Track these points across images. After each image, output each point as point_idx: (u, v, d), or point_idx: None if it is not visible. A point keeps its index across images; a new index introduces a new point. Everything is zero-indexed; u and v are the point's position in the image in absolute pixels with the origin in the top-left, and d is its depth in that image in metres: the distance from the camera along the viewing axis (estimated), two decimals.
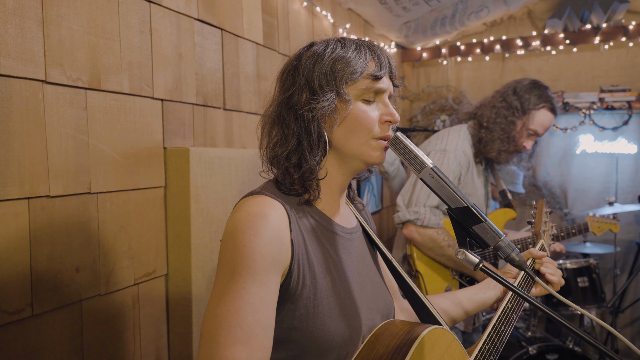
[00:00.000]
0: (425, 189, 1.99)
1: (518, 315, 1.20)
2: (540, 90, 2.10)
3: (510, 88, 2.14)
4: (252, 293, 0.84)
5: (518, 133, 2.08)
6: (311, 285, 0.91)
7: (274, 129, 1.00)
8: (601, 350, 0.79)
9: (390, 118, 0.99)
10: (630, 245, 3.61)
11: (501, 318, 1.14)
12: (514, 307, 1.19)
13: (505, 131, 2.07)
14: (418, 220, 1.98)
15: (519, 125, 2.08)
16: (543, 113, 2.08)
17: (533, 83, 2.12)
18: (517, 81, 2.16)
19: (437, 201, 1.98)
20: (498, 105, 2.12)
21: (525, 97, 2.07)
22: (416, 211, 2.00)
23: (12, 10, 1.14)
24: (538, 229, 1.50)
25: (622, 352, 3.28)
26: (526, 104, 2.07)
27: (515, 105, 2.08)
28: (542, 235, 1.48)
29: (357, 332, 0.95)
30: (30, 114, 1.19)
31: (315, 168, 0.96)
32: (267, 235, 0.86)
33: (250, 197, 0.93)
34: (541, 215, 1.55)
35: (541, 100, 2.07)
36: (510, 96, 2.10)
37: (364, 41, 1.01)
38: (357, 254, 1.07)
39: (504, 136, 2.07)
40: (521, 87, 2.11)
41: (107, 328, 1.41)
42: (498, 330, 1.12)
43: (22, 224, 1.18)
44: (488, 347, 1.08)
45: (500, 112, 2.10)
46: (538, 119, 2.08)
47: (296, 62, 0.99)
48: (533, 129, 2.08)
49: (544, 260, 1.27)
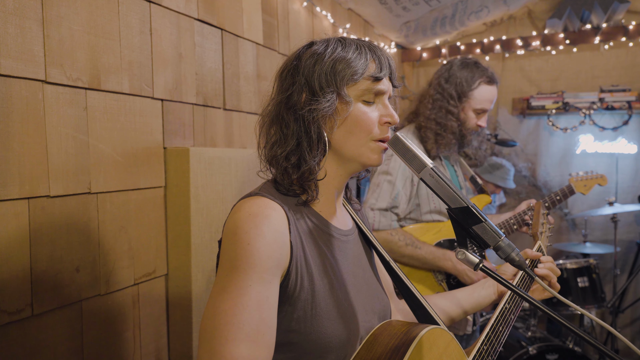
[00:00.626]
0: (373, 193, 1.96)
1: (516, 316, 1.20)
2: (470, 68, 1.99)
3: (441, 76, 2.04)
4: (257, 291, 0.83)
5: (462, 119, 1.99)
6: (309, 287, 0.91)
7: (272, 128, 1.00)
8: (601, 350, 0.79)
9: (390, 119, 0.99)
10: (630, 245, 3.61)
11: (499, 318, 1.14)
12: (512, 307, 1.19)
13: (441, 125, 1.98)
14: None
15: (460, 112, 1.99)
16: (482, 89, 1.98)
17: (462, 63, 2.02)
18: (446, 66, 2.05)
19: (386, 203, 1.92)
20: (433, 97, 2.02)
21: (457, 82, 1.97)
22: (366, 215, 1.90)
23: (12, 10, 1.14)
24: (535, 230, 1.50)
25: (622, 352, 3.28)
26: (460, 87, 1.97)
27: (449, 94, 1.98)
28: (540, 236, 1.48)
29: (354, 333, 0.95)
30: (30, 114, 1.19)
31: (314, 169, 0.96)
32: (269, 235, 0.86)
33: (250, 198, 0.93)
34: (538, 217, 1.55)
35: (475, 77, 1.97)
36: (443, 85, 2.01)
37: (365, 41, 1.01)
38: (353, 255, 1.07)
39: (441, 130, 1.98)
40: (451, 72, 2.01)
41: (107, 328, 1.41)
42: (496, 330, 1.12)
43: (22, 224, 1.18)
44: (486, 347, 1.08)
45: (435, 105, 2.01)
46: (480, 97, 1.98)
47: (296, 61, 0.99)
48: (479, 107, 1.99)
49: (543, 260, 1.26)
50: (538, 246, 1.43)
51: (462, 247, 0.89)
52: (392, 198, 1.94)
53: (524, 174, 3.92)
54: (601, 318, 3.63)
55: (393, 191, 1.95)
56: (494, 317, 1.13)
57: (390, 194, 1.94)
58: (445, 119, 1.98)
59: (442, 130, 1.98)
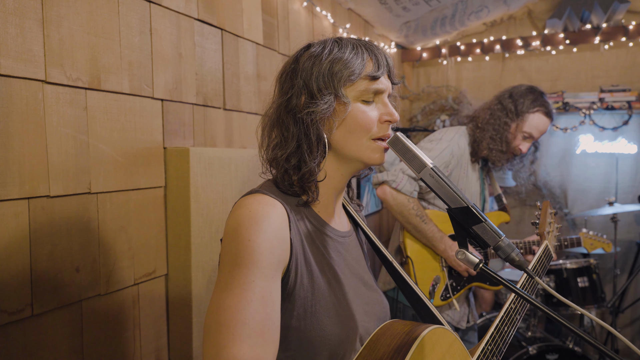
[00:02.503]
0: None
1: (522, 317, 1.19)
2: (535, 95, 2.18)
3: (507, 92, 2.24)
4: (261, 287, 0.83)
5: (511, 134, 2.17)
6: (309, 284, 0.92)
7: (273, 131, 1.00)
8: (601, 350, 0.79)
9: (390, 118, 0.99)
10: (630, 245, 3.61)
11: (504, 319, 1.14)
12: (518, 308, 1.19)
13: (497, 131, 2.16)
14: (394, 182, 2.05)
15: (512, 127, 2.17)
16: (537, 116, 2.16)
17: (529, 88, 2.21)
18: (515, 86, 2.25)
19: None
20: (494, 107, 2.22)
21: (520, 101, 2.16)
22: (394, 174, 2.07)
23: (12, 10, 1.14)
24: (542, 230, 1.50)
25: (622, 352, 3.28)
26: (520, 107, 2.16)
27: (509, 108, 2.17)
28: (547, 236, 1.48)
29: (353, 332, 0.95)
30: (30, 114, 1.19)
31: (314, 170, 0.96)
32: (270, 232, 0.86)
33: (251, 195, 0.93)
34: (545, 217, 1.55)
35: (536, 104, 2.16)
36: (506, 99, 2.20)
37: (361, 41, 1.01)
38: (352, 257, 1.07)
39: (495, 135, 2.16)
40: (517, 91, 2.20)
41: (107, 328, 1.41)
42: (501, 331, 1.12)
43: (22, 224, 1.18)
44: (491, 347, 1.08)
45: (494, 114, 2.19)
46: (532, 122, 2.16)
47: (294, 64, 0.99)
48: (527, 131, 2.16)
49: None
50: (545, 246, 1.43)
51: (462, 247, 0.89)
52: None
53: (522, 176, 3.91)
54: (601, 318, 3.63)
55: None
56: (498, 317, 1.14)
57: None
58: (501, 127, 2.17)
59: (497, 136, 2.16)
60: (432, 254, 2.15)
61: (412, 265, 2.09)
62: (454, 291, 2.15)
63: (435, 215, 2.16)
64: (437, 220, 2.12)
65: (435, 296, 2.11)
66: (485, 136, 2.17)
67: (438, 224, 2.11)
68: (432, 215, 2.14)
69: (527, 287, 1.27)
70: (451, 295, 2.14)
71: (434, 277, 2.12)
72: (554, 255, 1.50)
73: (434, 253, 2.14)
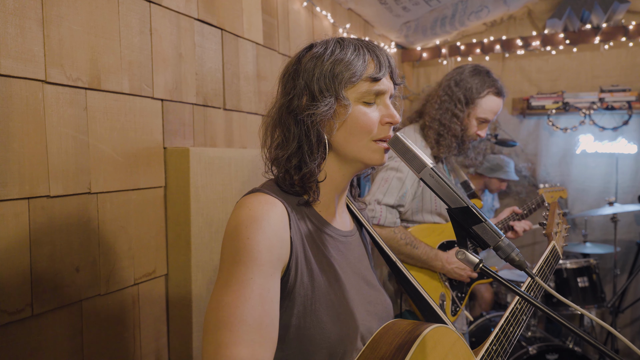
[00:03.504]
0: (381, 188, 1.95)
1: (528, 317, 1.19)
2: (482, 76, 2.02)
3: (451, 79, 2.05)
4: (259, 284, 0.84)
5: (465, 125, 2.02)
6: (309, 283, 0.92)
7: (275, 130, 1.01)
8: (601, 350, 0.78)
9: (391, 119, 0.98)
10: (630, 245, 3.61)
11: (510, 319, 1.14)
12: (524, 308, 1.18)
13: (445, 126, 2.01)
14: (374, 218, 1.92)
15: (464, 117, 2.01)
16: (489, 99, 2.01)
17: (473, 69, 2.04)
18: (458, 70, 2.07)
19: (393, 200, 1.92)
20: (441, 99, 2.04)
21: (467, 87, 2.00)
22: (372, 209, 1.93)
23: (12, 10, 1.14)
24: (550, 230, 1.49)
25: (622, 352, 3.28)
26: (469, 93, 1.99)
27: (457, 98, 2.01)
28: (554, 236, 1.47)
29: (353, 330, 0.95)
30: (30, 114, 1.19)
31: (314, 171, 0.96)
32: (270, 230, 0.87)
33: (252, 194, 0.94)
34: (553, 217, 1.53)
35: (484, 86, 2.00)
36: (452, 88, 2.02)
37: (363, 41, 1.01)
38: (354, 256, 1.07)
39: (444, 132, 2.01)
40: (462, 76, 2.03)
41: (107, 328, 1.41)
42: (506, 331, 1.12)
43: (22, 224, 1.18)
44: (495, 347, 1.08)
45: (442, 106, 2.03)
46: (485, 106, 2.01)
47: (296, 65, 0.99)
48: (482, 117, 2.02)
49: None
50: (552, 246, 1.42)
51: (462, 247, 0.89)
52: (400, 196, 1.94)
53: (524, 174, 3.92)
54: (601, 318, 3.63)
55: (402, 189, 1.95)
56: (504, 317, 1.14)
57: (399, 191, 1.94)
58: (449, 121, 2.01)
59: (445, 132, 2.01)
60: (429, 274, 2.05)
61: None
62: (460, 300, 2.10)
63: (419, 230, 2.05)
64: (421, 236, 2.02)
65: (446, 314, 2.04)
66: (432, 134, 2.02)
67: (424, 239, 2.01)
68: (417, 232, 2.04)
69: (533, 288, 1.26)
70: (459, 306, 2.09)
71: (439, 296, 2.05)
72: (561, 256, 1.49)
73: (431, 272, 2.05)
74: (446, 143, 2.01)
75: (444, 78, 2.11)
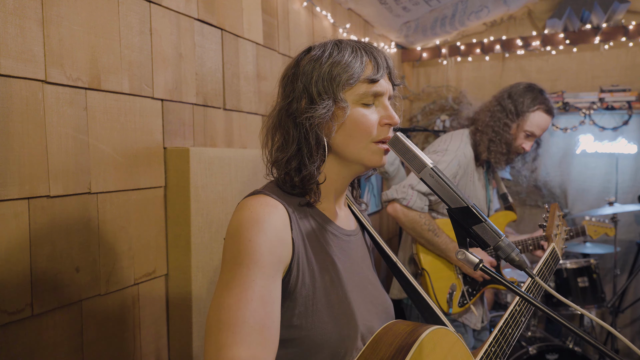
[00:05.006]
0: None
1: (527, 319, 1.19)
2: (534, 93, 2.16)
3: (505, 92, 2.22)
4: (261, 286, 0.84)
5: (513, 135, 2.16)
6: (310, 283, 0.92)
7: (276, 133, 1.01)
8: (601, 350, 0.78)
9: (389, 121, 0.98)
10: (630, 245, 3.61)
11: (508, 320, 1.14)
12: (523, 310, 1.18)
13: (497, 133, 2.15)
14: (404, 199, 2.05)
15: (513, 128, 2.16)
16: (538, 115, 2.15)
17: (528, 86, 2.19)
18: (513, 85, 2.23)
19: (426, 188, 2.03)
20: (493, 109, 2.20)
21: (519, 100, 2.15)
22: (404, 191, 2.06)
23: (12, 10, 1.14)
24: (549, 232, 1.48)
25: (622, 352, 3.28)
26: (520, 106, 2.14)
27: (509, 109, 2.16)
28: (554, 238, 1.47)
29: (354, 330, 0.95)
30: (30, 114, 1.19)
31: (314, 173, 0.97)
32: (271, 232, 0.87)
33: (253, 196, 0.94)
34: (553, 219, 1.53)
35: (536, 102, 2.14)
36: (505, 100, 2.19)
37: (361, 43, 1.01)
38: (357, 256, 1.07)
39: (495, 138, 2.15)
40: (516, 90, 2.19)
41: (107, 328, 1.41)
42: (505, 332, 1.12)
43: (22, 224, 1.18)
44: (494, 349, 1.08)
45: (494, 115, 2.18)
46: (533, 121, 2.15)
47: (295, 68, 1.00)
48: (529, 130, 2.15)
49: None
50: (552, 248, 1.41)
51: (462, 247, 0.89)
52: None
53: (524, 174, 3.91)
54: (601, 318, 3.63)
55: None
56: (503, 319, 1.14)
57: None
58: (501, 129, 2.16)
59: (497, 138, 2.16)
60: (446, 264, 2.16)
61: (429, 277, 2.11)
62: (470, 296, 2.17)
63: (445, 223, 2.16)
64: (447, 229, 2.12)
65: (453, 304, 2.12)
66: (485, 139, 2.16)
67: (449, 232, 2.11)
68: (442, 224, 2.14)
69: (533, 289, 1.26)
70: (468, 301, 2.16)
71: (450, 286, 2.14)
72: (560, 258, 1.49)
73: (448, 262, 2.15)
74: (497, 149, 2.16)
75: (500, 90, 2.28)
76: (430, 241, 2.08)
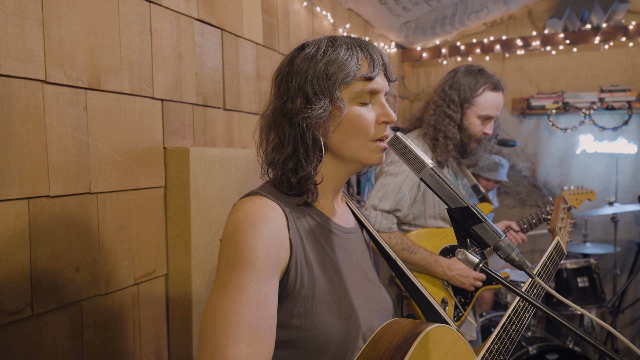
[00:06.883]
0: (378, 193, 1.94)
1: (531, 315, 1.18)
2: (474, 75, 1.99)
3: (445, 83, 2.05)
4: (256, 289, 0.84)
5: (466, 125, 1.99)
6: (309, 283, 0.92)
7: (270, 134, 1.00)
8: (601, 350, 0.78)
9: (387, 119, 0.98)
10: (630, 245, 3.61)
11: (512, 317, 1.13)
12: (526, 306, 1.18)
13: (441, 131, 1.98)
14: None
15: (463, 118, 1.99)
16: (487, 95, 1.98)
17: (466, 70, 2.02)
18: (451, 73, 2.05)
19: (389, 206, 1.91)
20: (439, 103, 2.02)
21: (461, 88, 1.98)
22: (368, 214, 1.90)
23: (12, 10, 1.14)
24: (554, 225, 1.46)
25: (622, 352, 3.28)
26: (463, 94, 1.98)
27: (452, 99, 1.98)
28: (558, 232, 1.44)
29: (355, 329, 0.95)
30: (30, 114, 1.19)
31: (311, 174, 0.96)
32: (267, 234, 0.87)
33: (249, 197, 0.94)
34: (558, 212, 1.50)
35: (479, 84, 1.97)
36: (447, 91, 2.01)
37: (355, 39, 0.99)
38: (356, 253, 1.07)
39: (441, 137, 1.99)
40: (456, 78, 2.01)
41: (107, 328, 1.41)
42: (508, 329, 1.11)
43: (22, 224, 1.18)
44: (497, 346, 1.08)
45: (437, 110, 2.01)
46: (484, 103, 1.98)
47: (289, 67, 0.98)
48: (484, 114, 1.98)
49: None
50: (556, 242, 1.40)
51: (462, 248, 0.89)
52: (396, 201, 1.93)
53: (524, 174, 3.92)
54: (601, 318, 3.63)
55: (398, 194, 1.94)
56: (505, 315, 1.13)
57: (396, 196, 1.93)
58: (443, 124, 1.98)
59: (440, 136, 1.99)
60: (429, 279, 2.00)
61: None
62: (465, 306, 2.04)
63: (419, 235, 2.02)
64: (422, 240, 1.99)
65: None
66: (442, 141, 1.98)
67: (425, 243, 1.97)
68: (416, 238, 2.00)
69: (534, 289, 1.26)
70: (463, 312, 2.02)
71: (441, 298, 2.00)
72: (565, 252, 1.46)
73: (432, 277, 2.00)
74: (442, 147, 1.98)
75: (439, 83, 2.10)
76: (407, 260, 1.91)
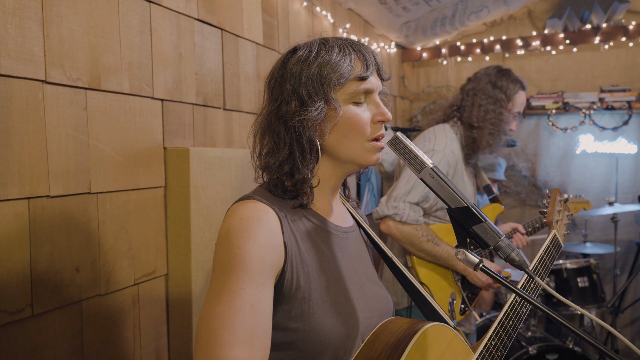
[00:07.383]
0: (407, 185, 1.98)
1: (528, 310, 1.18)
2: (509, 74, 2.19)
3: (486, 82, 2.21)
4: (250, 294, 0.84)
5: (506, 121, 2.17)
6: (305, 285, 0.91)
7: (265, 137, 1.00)
8: (601, 350, 0.78)
9: (382, 118, 0.98)
10: (630, 245, 3.61)
11: (508, 312, 1.13)
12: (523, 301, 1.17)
13: (494, 125, 2.15)
14: (397, 215, 1.95)
15: (505, 114, 2.17)
16: (520, 94, 2.18)
17: (499, 70, 2.21)
18: (487, 74, 2.23)
19: (417, 198, 1.97)
20: (484, 102, 2.18)
21: (504, 86, 2.17)
22: (395, 206, 1.96)
23: (12, 10, 1.14)
24: (550, 218, 1.45)
25: (622, 352, 3.28)
26: (507, 91, 2.16)
27: (500, 97, 2.16)
28: (555, 225, 1.44)
29: (354, 329, 0.95)
30: (30, 114, 1.19)
31: (307, 177, 0.95)
32: (261, 238, 0.86)
33: (242, 202, 0.94)
34: (554, 205, 1.50)
35: (516, 83, 2.17)
36: (492, 90, 2.18)
37: (347, 40, 1.00)
38: (355, 253, 1.07)
39: (494, 130, 2.14)
40: (494, 78, 2.20)
41: (107, 328, 1.41)
42: (505, 325, 1.11)
43: (22, 224, 1.18)
44: (494, 342, 1.08)
45: (488, 109, 2.16)
46: (518, 101, 2.18)
47: (281, 70, 0.99)
48: (516, 111, 2.18)
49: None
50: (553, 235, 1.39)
51: (462, 247, 0.89)
52: (424, 194, 1.98)
53: (524, 174, 3.92)
54: (601, 318, 3.63)
55: (426, 187, 1.97)
56: (503, 311, 1.13)
57: (424, 189, 1.97)
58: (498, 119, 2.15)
59: (496, 130, 2.15)
60: (441, 272, 2.06)
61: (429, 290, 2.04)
62: (470, 301, 2.10)
63: (439, 229, 2.08)
64: (442, 234, 2.04)
65: (455, 313, 2.04)
66: (485, 134, 2.13)
67: (445, 237, 2.02)
68: (437, 230, 2.05)
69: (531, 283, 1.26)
70: (468, 306, 2.08)
71: (450, 294, 2.04)
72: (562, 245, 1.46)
73: (443, 270, 2.06)
74: (496, 141, 2.15)
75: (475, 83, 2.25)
76: (430, 252, 1.98)
